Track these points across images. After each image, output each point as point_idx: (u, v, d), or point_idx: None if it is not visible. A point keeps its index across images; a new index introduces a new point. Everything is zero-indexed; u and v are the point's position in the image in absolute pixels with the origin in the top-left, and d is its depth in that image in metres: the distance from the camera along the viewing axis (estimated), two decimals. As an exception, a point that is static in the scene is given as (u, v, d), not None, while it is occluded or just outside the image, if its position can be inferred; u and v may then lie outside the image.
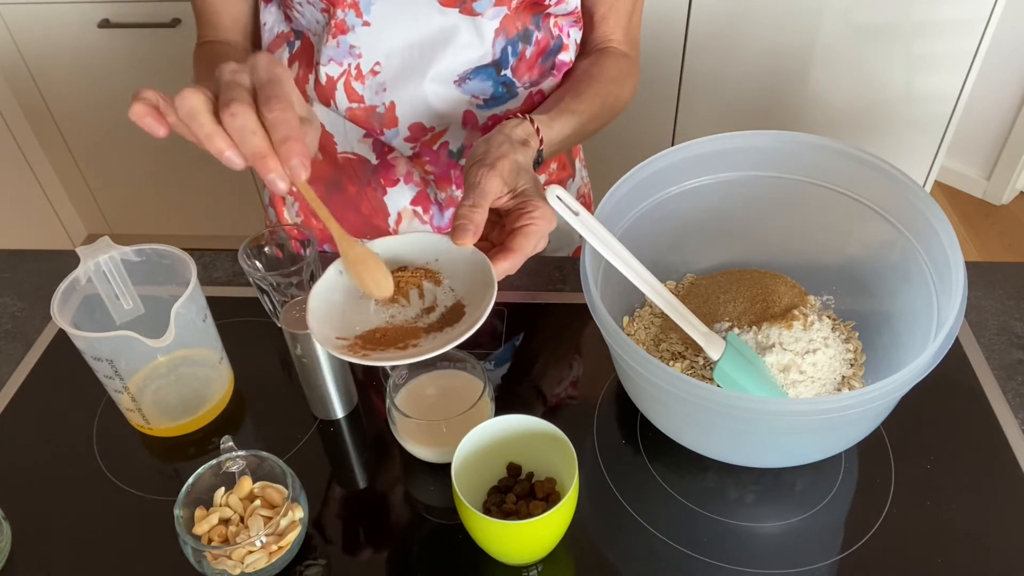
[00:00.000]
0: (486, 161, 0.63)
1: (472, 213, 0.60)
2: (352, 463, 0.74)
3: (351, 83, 0.83)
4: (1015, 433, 0.72)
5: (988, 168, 2.41)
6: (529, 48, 0.85)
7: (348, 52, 0.82)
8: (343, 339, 0.59)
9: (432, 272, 0.63)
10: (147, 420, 0.74)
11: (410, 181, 0.91)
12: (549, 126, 0.74)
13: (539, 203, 0.63)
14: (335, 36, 0.81)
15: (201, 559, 0.61)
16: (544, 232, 0.62)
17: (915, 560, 0.64)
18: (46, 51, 1.93)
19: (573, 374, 0.81)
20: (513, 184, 0.63)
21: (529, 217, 0.62)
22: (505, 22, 0.82)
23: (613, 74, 0.86)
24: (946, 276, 0.65)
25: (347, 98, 0.84)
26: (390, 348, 0.58)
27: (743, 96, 1.85)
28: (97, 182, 2.22)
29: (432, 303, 0.62)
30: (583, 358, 0.82)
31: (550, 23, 0.85)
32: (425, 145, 0.88)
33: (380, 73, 0.83)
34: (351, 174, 0.91)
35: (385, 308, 0.62)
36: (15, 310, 0.90)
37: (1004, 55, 2.13)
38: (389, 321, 0.61)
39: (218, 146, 0.53)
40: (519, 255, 0.61)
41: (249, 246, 0.80)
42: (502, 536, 0.60)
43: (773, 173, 0.76)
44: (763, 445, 0.67)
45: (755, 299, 0.78)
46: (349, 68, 0.83)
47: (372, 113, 0.85)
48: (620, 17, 0.87)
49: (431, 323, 0.61)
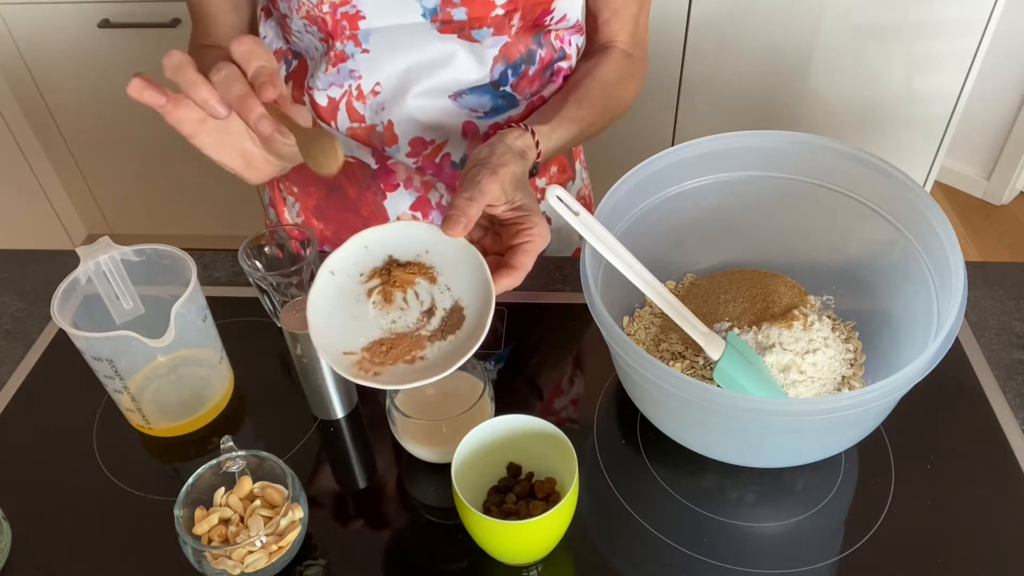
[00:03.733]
0: (488, 165, 0.64)
1: (467, 206, 0.60)
2: (352, 463, 0.74)
3: (353, 103, 0.84)
4: (1015, 433, 0.72)
5: (988, 168, 2.41)
6: (532, 67, 0.85)
7: (348, 75, 0.82)
8: (350, 353, 0.59)
9: (425, 267, 0.63)
10: (147, 420, 0.74)
11: (410, 186, 0.91)
12: (548, 137, 0.74)
13: (537, 219, 0.63)
14: (334, 64, 0.81)
15: (201, 559, 0.61)
16: (541, 247, 0.63)
17: (915, 560, 0.64)
18: (46, 51, 1.93)
19: (573, 374, 0.81)
20: (511, 196, 0.63)
21: (528, 234, 0.62)
22: (505, 49, 0.82)
23: (615, 76, 0.86)
24: (946, 276, 0.65)
25: (348, 118, 0.84)
26: (398, 362, 0.59)
27: (743, 96, 1.85)
28: (97, 182, 2.22)
29: (431, 305, 0.62)
30: (583, 358, 0.82)
31: (551, 37, 0.85)
32: (427, 158, 0.88)
33: (380, 94, 0.83)
34: (351, 177, 0.91)
35: (385, 313, 0.62)
36: (15, 310, 0.90)
37: (1004, 55, 2.13)
38: (392, 328, 0.61)
39: (202, 95, 0.56)
40: (521, 272, 0.61)
41: (249, 246, 0.80)
42: (502, 536, 0.60)
43: (773, 173, 0.76)
44: (763, 445, 0.67)
45: (755, 299, 0.78)
46: (350, 89, 0.83)
47: (372, 132, 0.85)
48: (625, 22, 0.87)
49: (433, 331, 0.61)
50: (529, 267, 0.62)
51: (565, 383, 0.80)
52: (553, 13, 0.82)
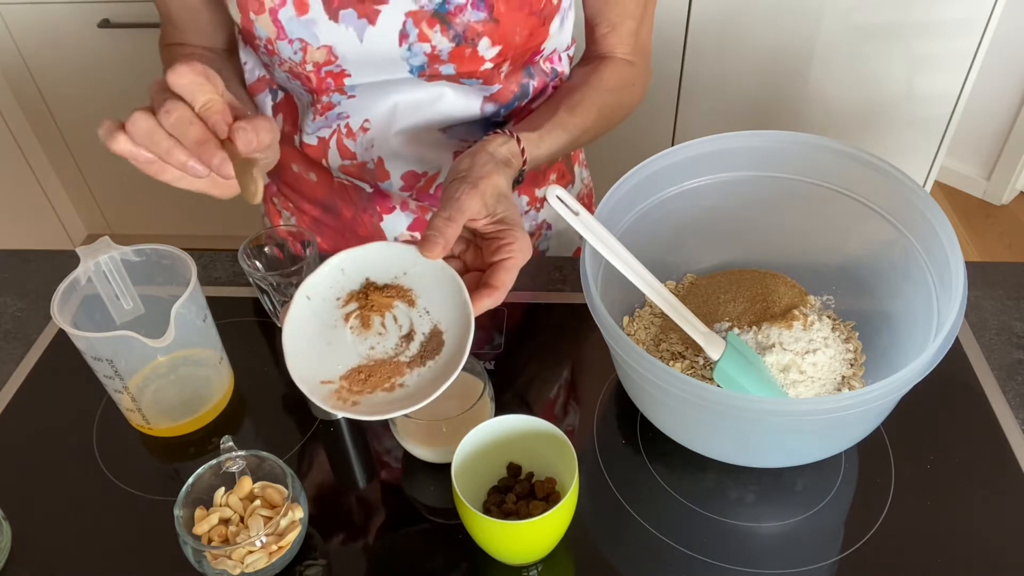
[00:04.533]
0: (468, 178, 0.62)
1: (445, 226, 0.58)
2: (352, 463, 0.74)
3: (343, 141, 0.83)
4: (1015, 433, 0.72)
5: (988, 168, 2.41)
6: (525, 100, 0.83)
7: (336, 118, 0.81)
8: (328, 383, 0.59)
9: (404, 290, 0.62)
10: (147, 420, 0.74)
11: (406, 208, 0.90)
12: (536, 145, 0.72)
13: (519, 233, 0.61)
14: (322, 113, 0.80)
15: (201, 559, 0.61)
16: (522, 263, 0.61)
17: (915, 560, 0.64)
18: (46, 51, 1.93)
19: (573, 374, 0.81)
20: (492, 209, 0.62)
21: (509, 250, 0.60)
22: (497, 95, 0.81)
23: (613, 83, 0.83)
24: (946, 276, 0.65)
25: (340, 156, 0.84)
26: (377, 390, 0.58)
27: (743, 96, 1.85)
28: (97, 182, 2.22)
29: (410, 330, 0.61)
30: (583, 358, 0.82)
31: (540, 63, 0.83)
32: (421, 191, 0.87)
33: (369, 130, 0.82)
34: (346, 199, 0.90)
35: (363, 339, 0.61)
36: (15, 310, 0.90)
37: (1004, 55, 2.13)
38: (370, 355, 0.60)
39: (179, 159, 0.54)
40: (501, 291, 0.59)
41: (249, 246, 0.80)
42: (502, 536, 0.60)
43: (773, 173, 0.76)
44: (763, 445, 0.67)
45: (755, 299, 0.78)
46: (339, 128, 0.82)
47: (364, 169, 0.85)
48: (623, 36, 0.84)
49: (412, 356, 0.60)
50: (510, 285, 0.60)
51: (565, 383, 0.80)
52: (543, 52, 0.80)
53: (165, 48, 0.86)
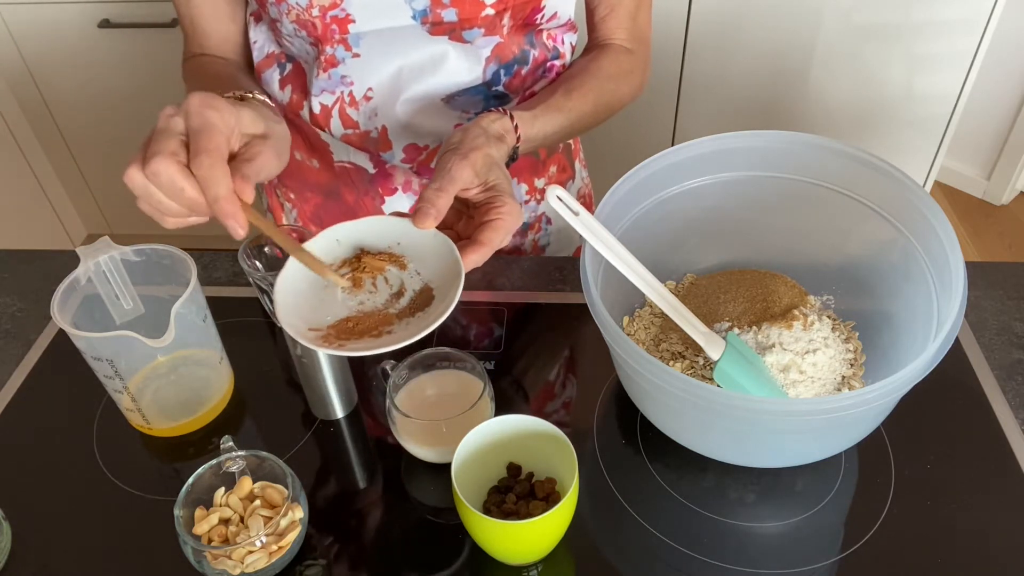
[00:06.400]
0: (460, 150, 0.63)
1: (436, 197, 0.59)
2: (352, 463, 0.74)
3: (346, 110, 0.83)
4: (1015, 433, 0.72)
5: (988, 168, 2.41)
6: (525, 67, 0.84)
7: (340, 81, 0.82)
8: (316, 330, 0.59)
9: (396, 256, 0.63)
10: (147, 420, 0.74)
11: (408, 190, 0.91)
12: (530, 123, 0.73)
13: (509, 199, 0.62)
14: (326, 70, 0.81)
15: (201, 559, 0.61)
16: (512, 228, 0.62)
17: (915, 560, 0.64)
18: (46, 51, 1.93)
19: (573, 374, 0.81)
20: (484, 177, 0.63)
21: (498, 212, 0.61)
22: (498, 50, 0.82)
23: (612, 71, 0.85)
24: (946, 276, 0.65)
25: (342, 125, 0.84)
26: (364, 337, 0.58)
27: (743, 96, 1.85)
28: (97, 182, 2.22)
29: (400, 288, 0.62)
30: (583, 358, 0.82)
31: (544, 37, 0.85)
32: (422, 164, 0.87)
33: (373, 99, 0.82)
34: (348, 182, 0.91)
35: (353, 296, 0.61)
36: (15, 310, 0.90)
37: (1004, 55, 2.13)
38: (360, 309, 0.61)
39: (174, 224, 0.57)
40: (488, 248, 0.60)
41: (249, 246, 0.80)
42: (502, 536, 0.60)
43: (773, 173, 0.76)
44: (763, 445, 0.67)
45: (755, 299, 0.78)
46: (342, 95, 0.82)
47: (367, 138, 0.85)
48: (622, 19, 0.86)
49: (402, 308, 0.60)
50: (497, 244, 0.61)
51: (565, 383, 0.80)
52: (544, 11, 0.81)
53: (187, 64, 0.87)
